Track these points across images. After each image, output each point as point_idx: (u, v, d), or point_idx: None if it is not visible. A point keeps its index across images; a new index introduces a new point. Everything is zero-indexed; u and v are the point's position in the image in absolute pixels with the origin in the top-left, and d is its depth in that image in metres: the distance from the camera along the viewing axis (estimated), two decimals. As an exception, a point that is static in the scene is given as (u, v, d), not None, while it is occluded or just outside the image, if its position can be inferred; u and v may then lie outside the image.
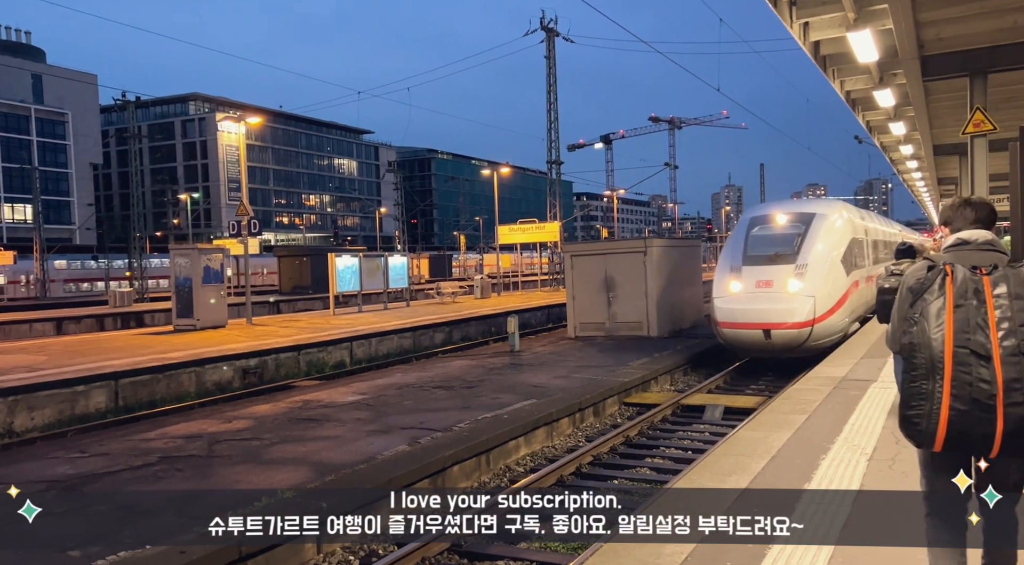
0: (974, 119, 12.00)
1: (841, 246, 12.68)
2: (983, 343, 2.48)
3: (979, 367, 2.48)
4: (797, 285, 11.84)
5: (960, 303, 2.53)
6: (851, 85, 16.49)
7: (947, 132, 19.47)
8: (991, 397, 2.46)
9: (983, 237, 2.73)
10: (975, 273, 2.57)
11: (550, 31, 35.34)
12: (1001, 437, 2.50)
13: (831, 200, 15.28)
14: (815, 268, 11.94)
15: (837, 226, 12.94)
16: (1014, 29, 11.22)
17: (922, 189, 40.56)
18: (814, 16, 11.73)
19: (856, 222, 14.40)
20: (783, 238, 12.51)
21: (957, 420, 2.52)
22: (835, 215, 13.11)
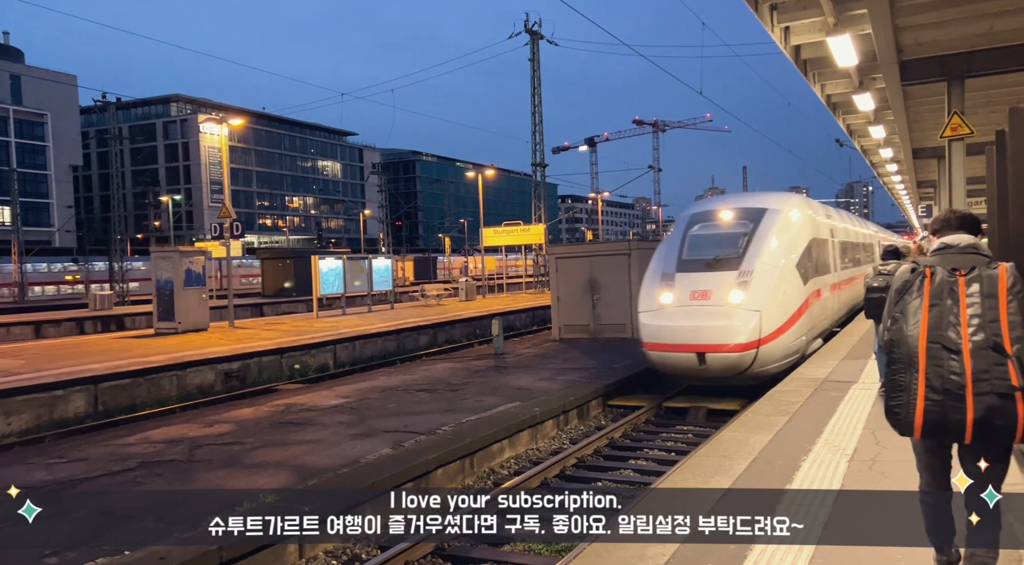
0: (952, 123, 12.17)
1: (797, 248, 10.59)
2: (953, 338, 2.74)
3: (950, 360, 2.74)
4: (739, 296, 9.60)
5: (935, 303, 2.80)
6: (832, 89, 16.66)
7: (926, 136, 19.72)
8: (961, 388, 2.71)
9: (965, 241, 2.97)
10: (953, 275, 2.83)
11: (534, 34, 35.43)
12: (972, 424, 2.73)
13: (788, 194, 12.42)
14: (763, 275, 9.76)
15: (793, 224, 10.89)
16: (990, 35, 11.38)
17: (902, 192, 41.03)
18: (795, 20, 11.85)
19: (818, 220, 12.35)
20: (726, 238, 10.43)
21: (932, 409, 2.77)
22: (791, 211, 11.01)
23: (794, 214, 11.04)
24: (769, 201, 11.20)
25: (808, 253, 10.86)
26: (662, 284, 10.15)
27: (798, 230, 10.91)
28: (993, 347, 2.70)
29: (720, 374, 9.58)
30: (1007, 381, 2.68)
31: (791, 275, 10.22)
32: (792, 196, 12.17)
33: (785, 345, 9.86)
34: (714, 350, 9.40)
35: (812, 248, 11.16)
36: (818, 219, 12.34)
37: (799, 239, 10.76)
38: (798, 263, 10.40)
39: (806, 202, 12.32)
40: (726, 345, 9.38)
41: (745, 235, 10.28)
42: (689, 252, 10.44)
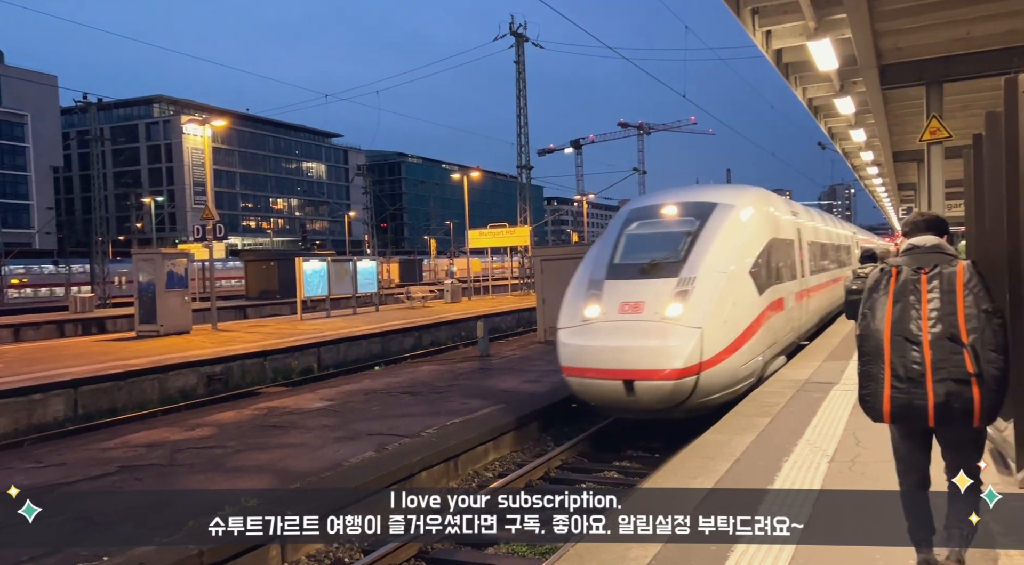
0: (930, 127, 12.32)
1: (751, 250, 9.01)
2: (914, 331, 3.01)
3: (911, 351, 3.01)
4: (677, 310, 7.89)
5: (899, 299, 3.07)
6: (813, 92, 16.82)
7: (906, 139, 19.95)
8: (921, 375, 2.99)
9: (930, 242, 3.23)
10: (917, 273, 3.10)
11: (519, 36, 35.48)
12: (932, 408, 3.00)
13: (744, 187, 10.91)
14: (707, 283, 8.10)
15: (747, 222, 9.29)
16: (967, 40, 11.54)
17: (883, 195, 41.47)
18: (776, 25, 11.95)
19: (780, 218, 10.74)
20: (666, 239, 8.84)
21: (897, 396, 3.05)
22: (745, 207, 9.44)
23: (749, 210, 9.46)
24: (721, 195, 9.66)
25: (766, 256, 9.32)
26: (588, 294, 8.39)
27: (754, 229, 9.34)
28: (950, 338, 2.96)
29: (652, 407, 7.72)
30: (963, 368, 2.94)
31: (743, 282, 8.60)
32: (749, 189, 10.47)
33: (733, 369, 8.13)
34: (644, 377, 7.54)
35: (772, 250, 9.59)
36: (780, 216, 10.75)
37: (755, 239, 9.21)
38: (753, 268, 8.85)
39: (765, 197, 10.66)
40: (658, 371, 7.53)
41: (688, 235, 8.66)
42: (623, 255, 8.80)
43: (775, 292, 9.45)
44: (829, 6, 10.53)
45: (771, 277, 9.39)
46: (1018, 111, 5.04)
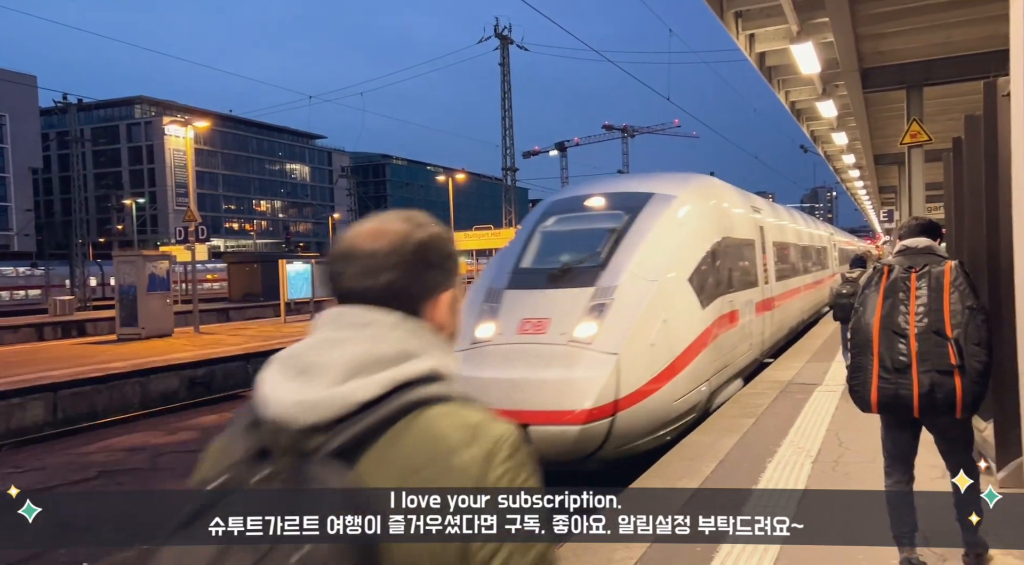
0: (911, 130, 12.46)
1: (694, 252, 7.40)
2: (902, 324, 3.22)
3: (898, 343, 3.21)
4: (589, 329, 6.13)
5: (888, 295, 3.28)
6: (795, 96, 16.96)
7: (887, 142, 20.17)
8: (907, 366, 3.18)
9: (922, 243, 3.47)
10: (908, 271, 3.32)
11: (504, 39, 35.51)
12: (917, 398, 3.18)
13: (692, 175, 9.26)
14: (631, 294, 6.38)
15: (689, 217, 7.62)
16: (947, 44, 11.69)
17: (864, 197, 41.91)
18: (759, 28, 12.04)
19: (735, 213, 9.13)
20: (587, 237, 7.17)
21: (884, 386, 3.24)
22: (690, 198, 7.81)
23: (693, 203, 7.81)
24: (660, 184, 7.96)
25: (714, 259, 7.70)
26: (483, 308, 6.53)
27: (698, 226, 7.67)
28: (936, 332, 3.17)
29: (554, 458, 5.65)
30: (946, 360, 3.13)
31: (680, 293, 6.95)
32: (695, 178, 8.88)
33: (663, 405, 6.34)
34: (541, 421, 5.62)
35: (722, 252, 8.01)
36: (735, 212, 9.18)
37: (699, 239, 7.57)
38: (695, 274, 7.20)
39: (716, 188, 9.01)
40: (559, 413, 5.67)
41: (613, 232, 6.92)
42: (532, 258, 7.11)
43: (725, 303, 7.84)
44: (812, 10, 10.63)
45: (720, 285, 7.77)
46: (997, 114, 5.11)
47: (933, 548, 4.03)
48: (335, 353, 0.91)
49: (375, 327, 0.94)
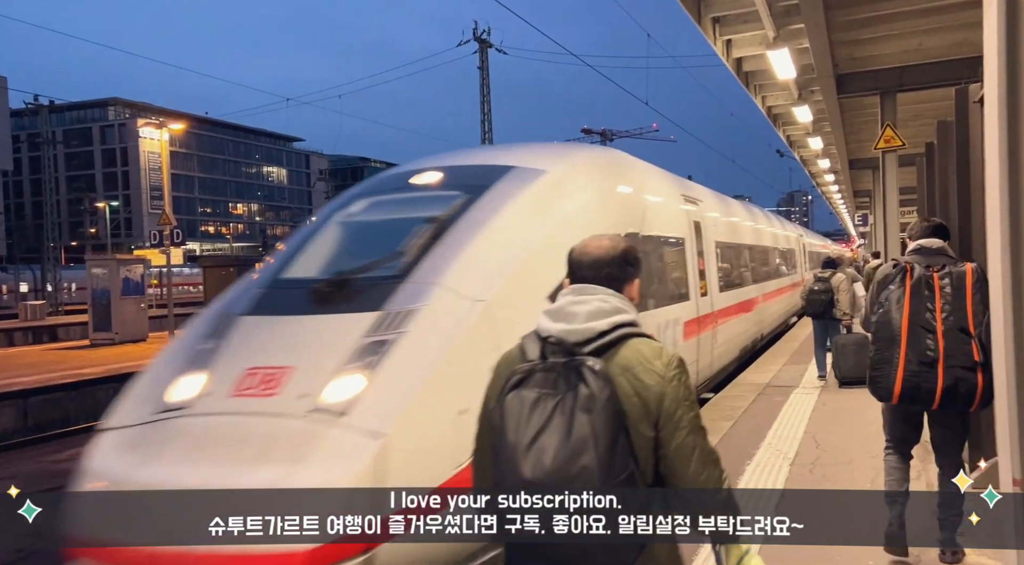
0: (885, 135, 12.63)
1: (563, 257, 2.16)
2: (930, 321, 3.40)
3: (926, 339, 3.39)
4: (348, 388, 3.47)
5: (915, 294, 3.46)
6: (772, 101, 17.13)
7: (861, 147, 20.44)
8: (935, 361, 3.37)
9: (936, 244, 3.66)
10: (928, 271, 3.50)
11: (483, 42, 35.51)
12: (941, 392, 3.37)
13: (581, 146, 8.23)
14: (434, 327, 3.83)
15: (560, 202, 5.22)
16: (919, 51, 11.87)
17: (839, 201, 42.45)
18: (736, 34, 12.14)
19: (644, 201, 6.90)
20: (394, 230, 4.73)
21: (909, 378, 3.41)
22: (568, 177, 5.46)
23: (576, 183, 5.44)
24: (530, 155, 5.64)
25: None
26: (197, 350, 3.98)
27: (580, 215, 5.26)
28: (961, 329, 3.36)
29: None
30: (971, 356, 3.32)
31: (529, 320, 2.24)
32: (589, 150, 7.22)
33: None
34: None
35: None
36: (650, 200, 6.99)
37: (578, 235, 2.90)
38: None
39: (620, 166, 6.71)
40: (262, 559, 2.83)
41: (436, 224, 4.51)
42: (304, 264, 4.65)
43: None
44: (788, 16, 10.74)
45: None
46: (968, 120, 5.19)
47: (910, 547, 4.08)
48: (582, 308, 1.71)
49: (601, 295, 1.73)
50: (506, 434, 1.60)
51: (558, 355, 1.65)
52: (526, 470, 1.58)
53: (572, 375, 1.61)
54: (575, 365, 1.62)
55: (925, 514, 4.09)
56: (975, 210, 5.12)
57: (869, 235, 25.74)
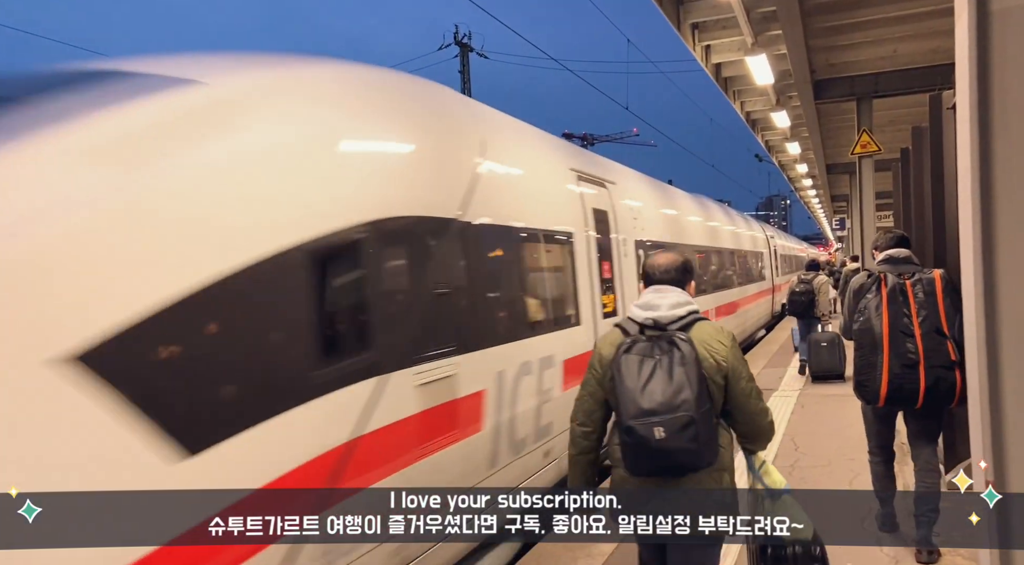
0: (861, 141, 12.82)
1: (189, 257, 2.32)
2: (908, 325, 3.65)
3: (907, 342, 3.63)
4: None
5: (892, 301, 3.70)
6: (751, 106, 17.30)
7: (839, 152, 20.70)
8: (916, 363, 3.61)
9: (903, 254, 3.93)
10: (901, 278, 3.76)
11: (464, 46, 35.53)
12: (924, 391, 3.61)
13: (313, 59, 3.67)
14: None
15: (180, 136, 2.48)
16: (894, 57, 12.05)
17: (817, 206, 42.94)
18: (715, 40, 12.25)
19: (455, 164, 4.01)
20: None
21: (894, 379, 3.64)
22: (235, 89, 2.84)
23: (262, 104, 2.92)
24: (199, 64, 3.07)
25: (325, 274, 2.87)
26: None
27: (254, 161, 2.70)
28: (936, 331, 3.61)
29: None
30: (948, 357, 3.58)
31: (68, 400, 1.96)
32: (317, 64, 3.62)
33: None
34: None
35: (376, 255, 3.16)
36: (480, 166, 4.30)
37: (247, 214, 2.57)
38: (196, 317, 2.38)
39: (401, 96, 3.92)
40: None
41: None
42: None
43: (386, 392, 3.13)
44: (766, 23, 10.86)
45: (348, 344, 3.03)
46: (942, 126, 5.27)
47: (884, 548, 4.12)
48: (663, 300, 2.41)
49: (675, 293, 2.45)
50: (625, 381, 2.32)
51: (653, 331, 2.40)
52: (644, 403, 2.29)
53: (666, 343, 2.34)
54: (668, 337, 2.36)
55: (902, 513, 4.15)
56: (949, 214, 5.20)
57: (847, 239, 26.03)
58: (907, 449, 4.11)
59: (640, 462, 2.36)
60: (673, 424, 2.26)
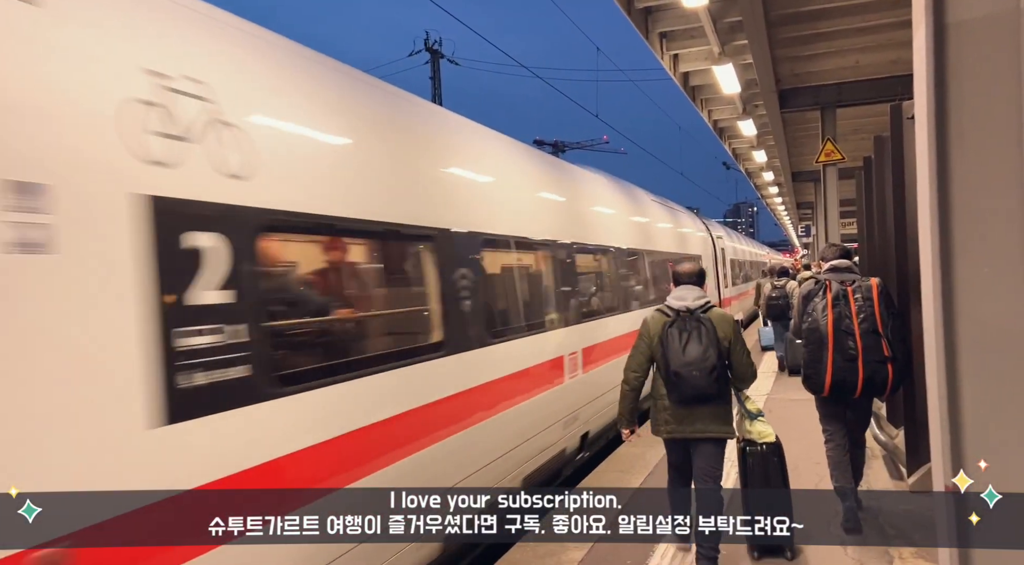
0: (825, 149, 13.06)
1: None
2: (849, 326, 4.23)
3: (848, 340, 4.22)
4: None
5: (836, 305, 4.28)
6: (718, 114, 17.53)
7: (804, 160, 21.07)
8: (855, 358, 4.21)
9: (845, 264, 4.57)
10: (843, 285, 4.34)
11: (435, 53, 35.49)
12: (862, 382, 4.22)
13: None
14: None
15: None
16: (856, 68, 12.32)
17: (783, 213, 43.63)
18: (683, 49, 12.40)
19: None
20: None
21: (837, 372, 4.22)
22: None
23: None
24: None
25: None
26: None
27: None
28: (873, 331, 4.20)
29: None
30: (882, 353, 4.18)
31: None
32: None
33: None
34: None
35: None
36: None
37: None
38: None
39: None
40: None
41: None
42: None
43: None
44: (732, 33, 11.03)
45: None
46: (903, 135, 5.39)
47: (847, 547, 4.19)
48: (690, 294, 3.94)
49: (696, 290, 3.97)
50: (671, 345, 3.73)
51: (685, 313, 3.84)
52: (685, 358, 3.72)
53: (694, 321, 3.79)
54: (695, 317, 3.81)
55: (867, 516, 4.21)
56: (910, 221, 5.32)
57: (812, 245, 26.47)
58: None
59: (684, 394, 3.76)
60: (703, 370, 3.72)
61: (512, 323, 5.39)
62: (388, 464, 3.56)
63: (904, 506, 3.97)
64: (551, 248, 6.15)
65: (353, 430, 3.35)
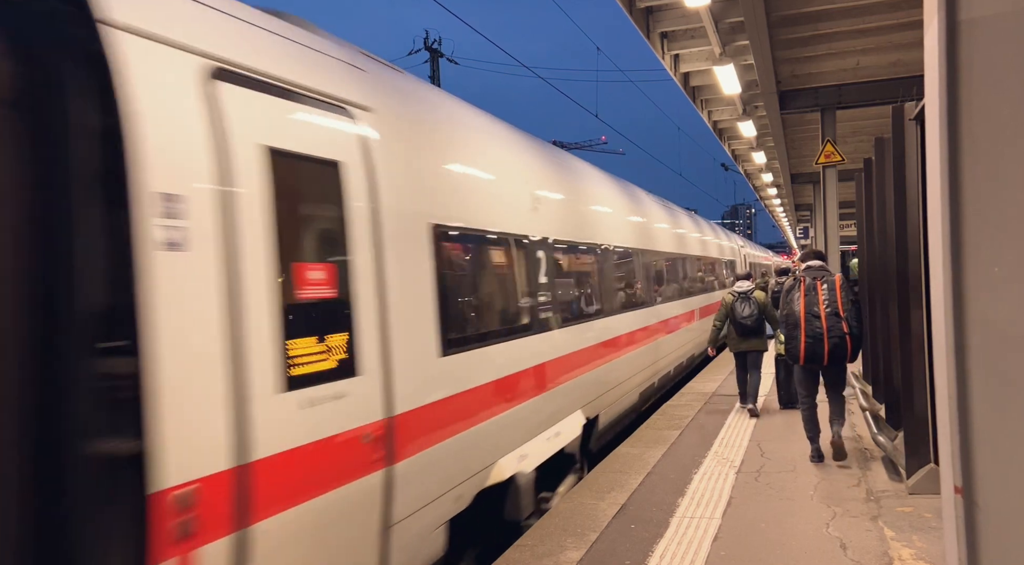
0: (825, 150, 13.03)
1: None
2: (816, 311, 5.77)
3: (815, 321, 5.77)
4: None
5: (807, 294, 5.83)
6: (718, 115, 17.52)
7: (803, 162, 21.06)
8: (821, 335, 5.74)
9: (818, 264, 6.19)
10: (814, 281, 5.89)
11: (434, 52, 35.41)
12: (827, 353, 5.74)
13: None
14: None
15: None
16: (856, 70, 12.30)
17: (781, 214, 43.65)
18: (684, 49, 12.38)
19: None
20: None
21: (808, 346, 5.77)
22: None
23: None
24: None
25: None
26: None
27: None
28: (835, 314, 5.74)
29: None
30: (842, 330, 5.73)
31: None
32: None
33: None
34: None
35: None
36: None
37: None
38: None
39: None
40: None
41: None
42: None
43: None
44: (734, 33, 11.00)
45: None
46: (904, 137, 5.37)
47: (847, 552, 4.16)
48: (745, 284, 8.43)
49: (748, 282, 8.50)
50: (736, 310, 8.13)
51: (743, 292, 8.21)
52: (743, 315, 8.09)
53: (745, 297, 8.17)
54: (747, 295, 8.19)
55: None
56: (911, 222, 5.30)
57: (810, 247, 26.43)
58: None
59: (743, 330, 8.10)
60: (752, 320, 8.01)
61: (672, 295, 11.36)
62: (575, 378, 6.32)
63: (902, 507, 3.95)
64: (687, 258, 13.11)
65: (559, 356, 5.95)
